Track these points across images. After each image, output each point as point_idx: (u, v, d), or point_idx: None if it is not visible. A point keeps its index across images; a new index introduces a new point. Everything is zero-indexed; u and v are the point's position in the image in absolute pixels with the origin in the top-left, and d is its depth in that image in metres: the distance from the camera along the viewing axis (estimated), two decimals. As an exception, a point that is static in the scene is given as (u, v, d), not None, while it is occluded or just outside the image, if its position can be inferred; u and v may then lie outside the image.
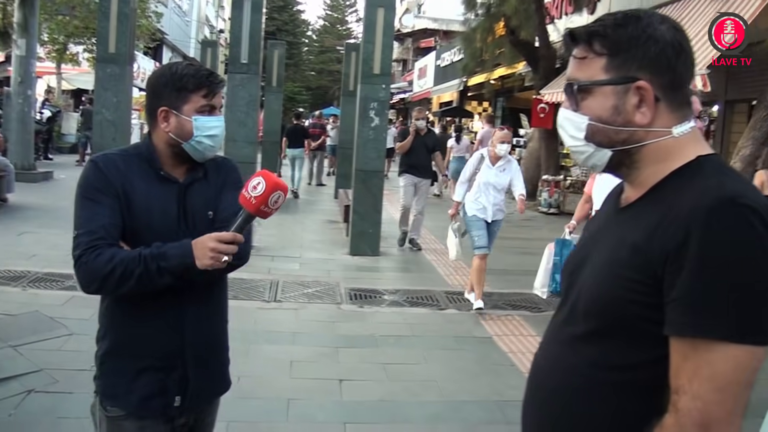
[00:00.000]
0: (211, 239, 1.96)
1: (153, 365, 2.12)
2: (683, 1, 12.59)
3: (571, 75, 1.41)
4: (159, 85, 2.13)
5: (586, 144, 1.39)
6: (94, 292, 2.06)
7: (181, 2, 40.00)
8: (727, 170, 1.32)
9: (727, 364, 1.16)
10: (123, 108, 8.76)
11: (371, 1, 9.18)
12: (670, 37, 1.33)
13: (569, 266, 1.51)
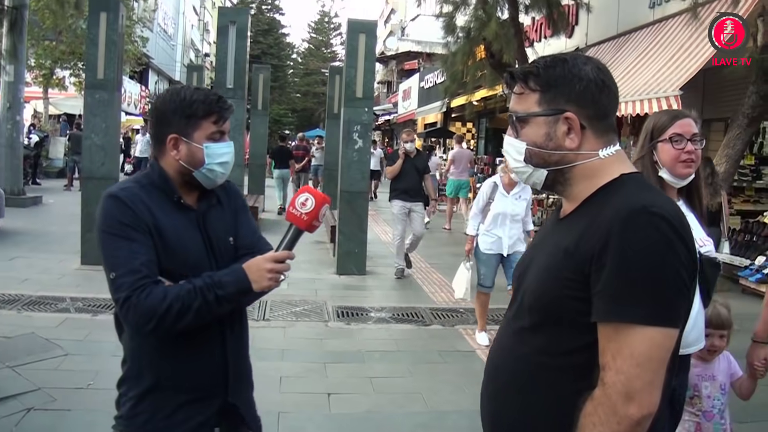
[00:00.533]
0: (266, 261, 1.96)
1: (195, 397, 2.06)
2: (656, 26, 12.94)
3: (512, 108, 1.67)
4: (167, 111, 2.06)
5: (526, 165, 1.64)
6: (148, 333, 1.94)
7: (167, 26, 40.28)
8: (645, 185, 1.58)
9: (644, 344, 1.39)
10: (112, 133, 8.93)
11: (353, 27, 9.43)
12: (594, 75, 1.57)
13: (518, 269, 1.76)
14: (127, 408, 2.05)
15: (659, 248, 1.40)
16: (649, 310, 1.40)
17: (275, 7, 55.49)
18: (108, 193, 2.02)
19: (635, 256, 1.40)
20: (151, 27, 29.72)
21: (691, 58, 10.12)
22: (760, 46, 8.69)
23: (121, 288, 1.89)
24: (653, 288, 1.40)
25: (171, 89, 2.14)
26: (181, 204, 2.10)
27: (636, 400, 1.39)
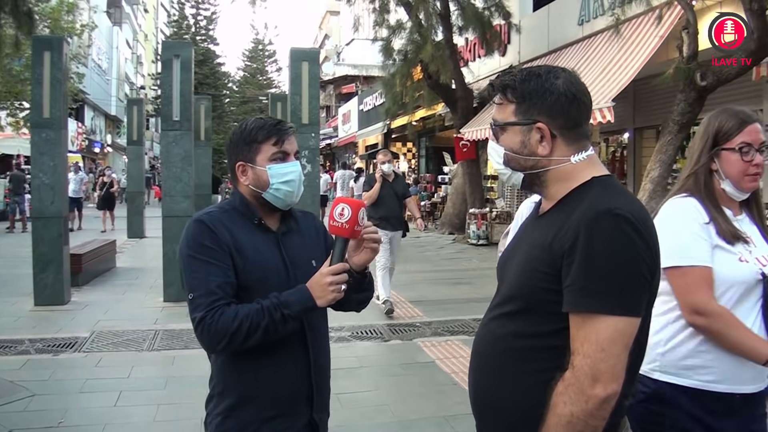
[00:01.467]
0: (324, 275, 2.05)
1: (280, 413, 2.13)
2: (586, 42, 13.48)
3: (494, 116, 1.86)
4: (233, 143, 2.23)
5: (505, 168, 1.85)
6: (220, 351, 2.06)
7: (101, 61, 39.81)
8: (613, 187, 1.73)
9: (608, 331, 1.57)
10: (60, 171, 8.91)
11: (295, 55, 9.61)
12: (564, 89, 1.73)
13: (501, 262, 1.96)
14: (214, 426, 2.13)
15: (621, 246, 1.58)
16: (613, 302, 1.57)
17: (210, 38, 55.17)
18: (194, 219, 2.16)
19: (600, 253, 1.57)
20: (86, 63, 29.37)
21: (622, 71, 10.63)
22: (685, 57, 9.19)
23: (198, 308, 2.01)
24: (616, 282, 1.58)
25: (239, 123, 2.30)
26: (261, 225, 2.22)
27: (601, 382, 1.56)
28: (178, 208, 9.34)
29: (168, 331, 7.48)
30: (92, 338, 7.12)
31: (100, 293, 9.83)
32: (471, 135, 15.20)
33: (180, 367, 6.28)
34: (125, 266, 12.61)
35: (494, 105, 1.87)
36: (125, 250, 14.90)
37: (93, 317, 8.15)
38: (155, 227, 17.83)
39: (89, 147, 38.39)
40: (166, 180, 9.51)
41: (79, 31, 24.63)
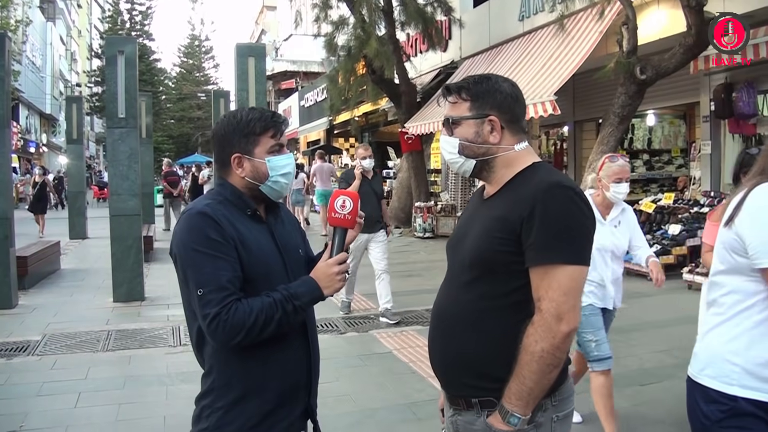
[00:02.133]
0: (331, 266, 2.12)
1: (281, 403, 2.14)
2: (526, 37, 13.73)
3: (447, 113, 2.15)
4: (228, 133, 2.19)
5: (459, 156, 2.11)
6: (235, 345, 2.02)
7: (35, 58, 38.66)
8: (552, 169, 2.09)
9: (568, 278, 1.89)
10: (4, 171, 8.71)
11: (241, 51, 9.58)
12: (510, 90, 2.10)
13: (452, 242, 2.22)
14: (215, 419, 2.10)
15: (572, 209, 1.91)
16: (569, 254, 1.90)
17: (145, 33, 54.19)
18: (194, 211, 2.09)
19: (555, 216, 1.89)
20: (20, 60, 28.53)
21: (563, 65, 10.88)
22: (625, 52, 9.48)
23: (210, 303, 1.98)
24: (570, 238, 1.90)
25: (227, 114, 2.26)
26: (255, 216, 2.21)
27: (565, 320, 1.88)
28: (126, 207, 9.23)
29: (121, 331, 7.42)
30: (44, 341, 7.02)
31: (47, 296, 9.66)
32: (415, 129, 15.36)
33: (137, 366, 6.25)
34: (70, 268, 12.38)
35: (447, 104, 2.16)
36: (68, 251, 14.61)
37: (43, 320, 8.01)
38: (97, 228, 17.62)
39: (24, 147, 37.29)
40: (113, 178, 9.38)
41: (13, 27, 23.93)
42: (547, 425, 2.00)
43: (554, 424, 2.02)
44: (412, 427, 4.72)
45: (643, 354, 6.36)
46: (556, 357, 1.90)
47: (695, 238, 10.17)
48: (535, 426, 1.98)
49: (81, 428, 4.78)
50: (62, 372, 6.07)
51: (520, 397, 1.92)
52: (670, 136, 16.86)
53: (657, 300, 8.68)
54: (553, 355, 1.89)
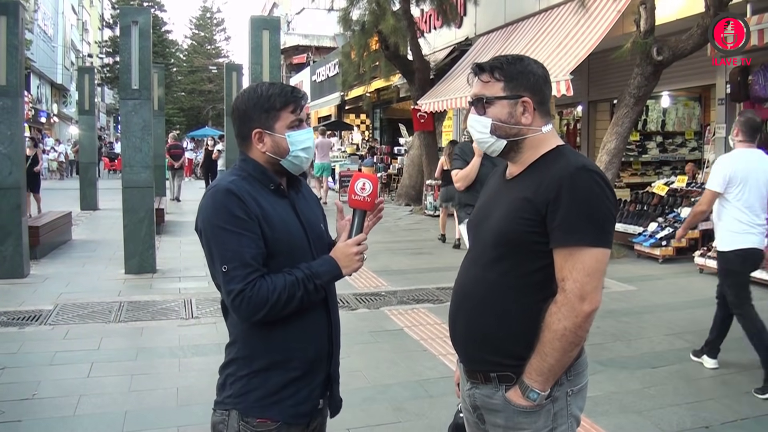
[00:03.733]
0: (350, 246, 2.17)
1: (304, 372, 2.18)
2: (543, 15, 13.59)
3: (479, 92, 2.15)
4: (248, 109, 2.19)
5: (490, 136, 2.13)
6: (255, 321, 2.08)
7: (46, 28, 38.59)
8: (577, 152, 2.16)
9: (592, 260, 1.94)
10: (17, 141, 8.73)
11: (256, 24, 9.54)
12: (541, 73, 2.14)
13: (474, 221, 2.26)
14: (239, 387, 2.15)
15: (597, 193, 1.95)
16: (594, 237, 1.95)
17: (157, 4, 54.06)
18: (219, 188, 2.11)
19: (581, 199, 1.94)
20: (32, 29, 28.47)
21: (579, 45, 10.76)
22: (642, 32, 9.38)
23: (235, 280, 2.02)
24: (595, 221, 1.95)
25: (247, 89, 2.26)
26: (278, 191, 2.22)
27: (588, 299, 1.94)
28: (138, 179, 9.24)
29: (133, 302, 7.46)
30: (57, 311, 7.06)
31: (58, 266, 9.71)
32: (428, 107, 15.27)
33: (149, 337, 6.29)
34: (81, 239, 12.44)
35: (478, 82, 2.16)
36: (80, 222, 14.66)
37: (55, 290, 8.06)
38: (108, 199, 17.68)
39: (35, 117, 37.34)
40: (126, 150, 9.38)
41: (25, -5, 23.88)
42: (563, 399, 2.06)
43: (569, 398, 2.07)
44: (424, 403, 4.73)
45: (654, 336, 6.36)
46: (578, 336, 1.96)
47: (707, 222, 10.11)
48: (552, 400, 2.04)
49: (94, 398, 4.81)
50: (75, 342, 6.11)
51: (540, 373, 1.99)
52: (684, 119, 16.74)
53: (668, 283, 8.66)
54: (575, 333, 1.95)
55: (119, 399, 4.82)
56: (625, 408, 4.65)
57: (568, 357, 1.99)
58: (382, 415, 4.58)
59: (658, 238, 10.09)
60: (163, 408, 4.69)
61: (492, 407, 2.11)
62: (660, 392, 4.98)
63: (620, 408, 4.64)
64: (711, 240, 9.71)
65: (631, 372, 5.38)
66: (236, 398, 2.15)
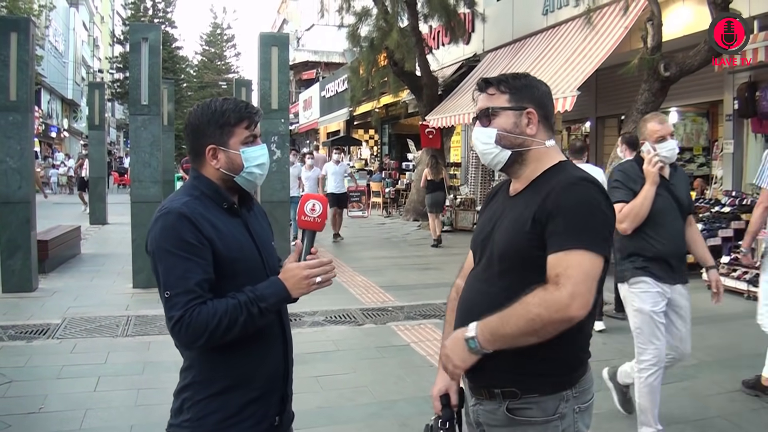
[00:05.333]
0: (301, 269, 2.08)
1: (260, 392, 2.16)
2: (550, 32, 13.65)
3: (485, 105, 2.19)
4: (201, 124, 2.16)
5: (495, 146, 2.16)
6: (198, 347, 2.03)
7: (57, 44, 38.94)
8: (576, 167, 2.13)
9: (589, 263, 1.91)
10: (27, 155, 8.80)
11: (265, 40, 9.60)
12: (545, 89, 2.21)
13: (479, 237, 2.25)
14: (196, 410, 2.11)
15: (593, 203, 1.97)
16: (592, 241, 1.93)
17: (168, 21, 54.41)
18: (172, 210, 2.06)
19: (578, 206, 1.95)
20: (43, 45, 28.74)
21: (586, 61, 10.79)
22: (650, 48, 9.40)
23: (176, 306, 1.97)
24: (592, 228, 1.95)
25: (201, 104, 2.22)
26: (231, 209, 2.19)
27: (577, 302, 1.88)
28: (147, 194, 9.30)
29: (140, 316, 7.48)
30: (64, 325, 7.09)
31: (67, 280, 9.75)
32: (436, 122, 15.32)
33: (156, 352, 6.30)
34: (90, 253, 12.49)
35: (483, 97, 2.21)
36: (89, 236, 14.74)
37: (63, 304, 8.10)
38: (117, 213, 17.76)
39: (46, 132, 37.62)
40: (135, 165, 9.45)
41: (37, 11, 24.11)
42: (570, 416, 2.05)
43: (576, 414, 2.06)
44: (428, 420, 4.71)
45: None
46: (545, 330, 1.90)
47: (716, 238, 10.08)
48: (560, 417, 2.03)
49: (100, 412, 4.83)
50: (82, 356, 6.13)
51: (492, 334, 1.97)
52: (692, 134, 16.68)
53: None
54: (543, 326, 1.89)
55: (126, 413, 4.83)
56: (631, 425, 4.62)
57: (524, 340, 1.93)
58: (387, 431, 4.57)
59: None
60: (169, 423, 4.69)
61: (495, 423, 2.11)
62: (667, 409, 4.94)
63: (627, 425, 4.62)
64: (719, 256, 9.68)
65: (638, 389, 5.35)
66: (194, 422, 2.11)
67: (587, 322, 2.06)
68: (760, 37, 9.07)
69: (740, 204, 10.44)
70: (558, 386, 2.04)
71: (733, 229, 10.08)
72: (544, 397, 2.03)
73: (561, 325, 1.89)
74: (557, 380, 2.04)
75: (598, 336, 6.65)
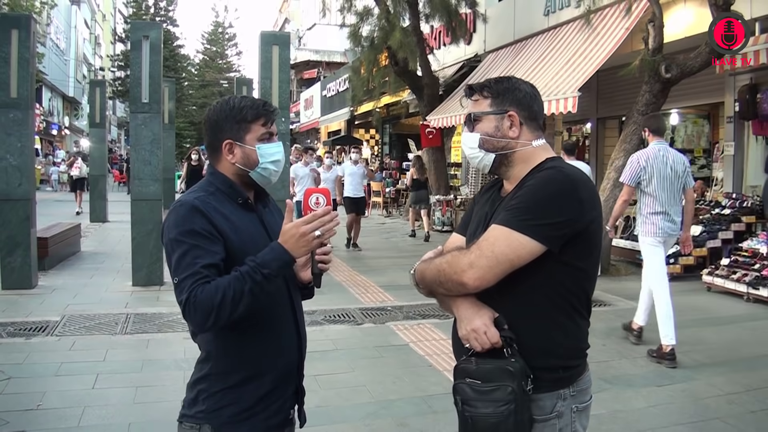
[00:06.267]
0: (298, 226, 2.04)
1: (275, 385, 2.19)
2: (551, 32, 13.64)
3: (469, 110, 2.22)
4: (220, 120, 2.21)
5: (479, 150, 2.18)
6: (211, 327, 2.02)
7: (59, 41, 38.96)
8: (562, 162, 2.12)
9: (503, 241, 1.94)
10: (27, 153, 8.81)
11: (266, 39, 9.59)
12: (529, 90, 2.19)
13: (472, 233, 2.22)
14: (212, 402, 2.13)
15: (550, 186, 1.98)
16: (521, 222, 1.93)
17: (169, 19, 54.41)
18: (185, 203, 2.10)
19: (532, 185, 2.00)
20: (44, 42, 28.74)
21: (587, 61, 10.78)
22: (651, 49, 9.39)
23: (183, 291, 1.98)
24: (533, 209, 1.95)
25: (220, 100, 2.27)
26: (246, 205, 2.23)
27: (472, 271, 1.95)
28: (147, 192, 9.30)
29: (140, 314, 7.48)
30: (63, 322, 7.09)
31: (66, 277, 9.76)
32: (437, 122, 15.31)
33: (155, 350, 6.30)
34: (90, 250, 12.50)
35: (470, 103, 2.24)
36: (89, 234, 14.75)
37: (62, 301, 8.10)
38: (117, 211, 17.76)
39: (47, 129, 37.63)
40: (135, 163, 9.44)
41: (38, 9, 24.11)
42: (567, 415, 2.05)
43: (573, 414, 2.06)
44: (427, 419, 4.71)
45: (661, 355, 6.32)
46: (447, 285, 2.02)
47: (716, 240, 10.09)
48: (558, 416, 2.03)
49: (98, 409, 4.82)
50: (80, 353, 6.13)
51: (420, 273, 2.15)
52: (693, 136, 16.66)
53: (675, 300, 8.57)
54: (445, 281, 2.02)
55: (124, 411, 4.82)
56: (629, 426, 4.63)
57: (437, 289, 2.07)
58: (385, 430, 4.57)
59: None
60: (167, 420, 4.63)
61: None
62: (665, 411, 4.96)
63: (625, 426, 4.62)
64: (718, 258, 9.68)
65: (637, 390, 5.36)
66: (209, 413, 2.13)
67: (582, 320, 2.08)
68: (762, 39, 9.06)
69: (740, 206, 10.45)
70: (555, 384, 2.04)
71: (733, 231, 10.09)
72: (540, 395, 2.01)
73: (456, 286, 1.99)
74: (555, 377, 2.03)
75: (597, 337, 6.66)
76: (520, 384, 1.95)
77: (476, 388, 1.99)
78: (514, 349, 1.99)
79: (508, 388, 1.94)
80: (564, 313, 2.04)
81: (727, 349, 6.50)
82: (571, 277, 2.03)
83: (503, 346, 1.99)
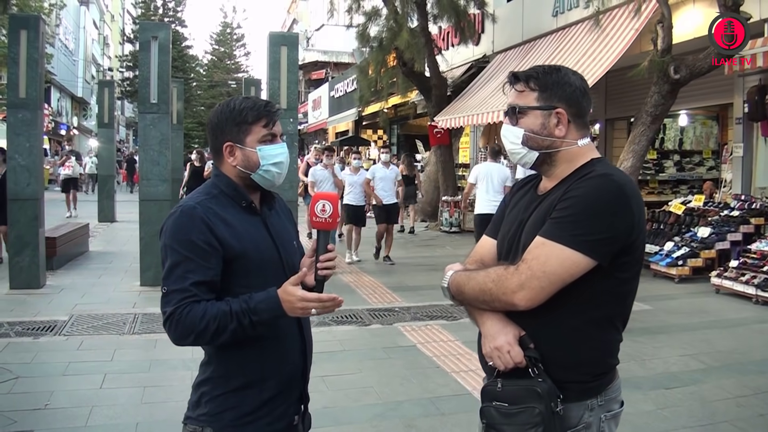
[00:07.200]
0: (298, 299, 1.99)
1: (277, 391, 2.17)
2: (560, 33, 13.61)
3: (513, 102, 2.08)
4: (221, 122, 2.18)
5: (522, 147, 2.06)
6: (187, 345, 2.05)
7: (68, 42, 39.10)
8: (609, 165, 2.05)
9: (556, 259, 1.84)
10: (36, 153, 8.83)
11: (274, 39, 9.60)
12: (579, 84, 2.04)
13: (504, 237, 2.15)
14: (214, 406, 2.12)
15: (603, 198, 1.86)
16: (571, 235, 1.84)
17: (178, 20, 54.53)
18: (185, 209, 2.09)
19: (582, 196, 1.87)
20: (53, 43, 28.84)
21: (596, 63, 10.76)
22: (660, 50, 9.36)
23: (169, 303, 2.00)
24: (583, 221, 1.85)
25: (222, 102, 2.24)
26: (250, 208, 2.21)
27: (524, 293, 1.86)
28: (156, 192, 9.31)
29: (148, 314, 7.49)
30: (71, 322, 7.11)
31: (75, 277, 9.78)
32: (445, 123, 15.29)
33: (163, 350, 6.30)
34: (98, 250, 12.53)
35: (513, 92, 2.09)
36: (97, 234, 14.79)
37: (70, 301, 8.12)
38: (125, 211, 17.80)
39: (55, 129, 37.77)
40: (144, 163, 9.46)
41: (47, 10, 24.20)
42: (596, 424, 1.97)
43: (602, 423, 1.98)
44: (435, 421, 4.71)
45: (669, 357, 6.30)
46: (494, 304, 1.94)
47: (724, 242, 10.04)
48: (585, 426, 1.95)
49: (106, 409, 4.83)
50: (88, 353, 6.14)
51: (457, 287, 2.03)
52: (701, 137, 16.65)
53: (684, 303, 8.58)
54: (492, 300, 1.93)
55: (131, 410, 4.83)
56: (637, 429, 4.60)
57: (479, 304, 1.99)
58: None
59: (674, 258, 10.02)
60: (174, 420, 4.62)
61: None
62: (674, 414, 4.93)
63: (633, 429, 4.60)
64: (727, 260, 9.64)
65: (645, 393, 5.33)
66: (211, 417, 2.12)
67: (617, 334, 2.01)
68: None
69: (749, 208, 10.40)
70: (584, 394, 1.96)
71: (742, 233, 10.04)
72: (567, 405, 1.92)
73: (505, 306, 1.91)
74: (583, 387, 1.95)
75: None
76: (548, 405, 1.87)
77: (503, 410, 1.92)
78: (540, 368, 1.91)
79: (536, 410, 1.87)
80: (599, 326, 1.96)
81: (736, 351, 6.47)
82: (613, 290, 1.94)
83: (527, 366, 1.91)
